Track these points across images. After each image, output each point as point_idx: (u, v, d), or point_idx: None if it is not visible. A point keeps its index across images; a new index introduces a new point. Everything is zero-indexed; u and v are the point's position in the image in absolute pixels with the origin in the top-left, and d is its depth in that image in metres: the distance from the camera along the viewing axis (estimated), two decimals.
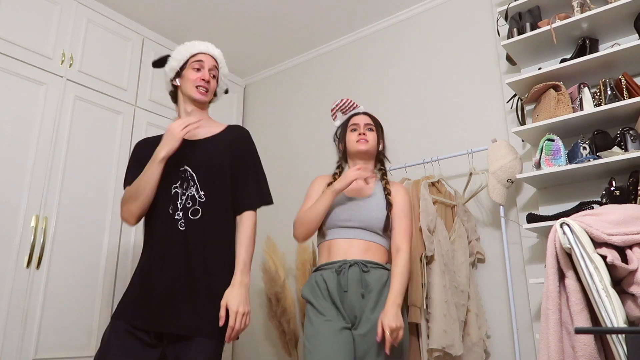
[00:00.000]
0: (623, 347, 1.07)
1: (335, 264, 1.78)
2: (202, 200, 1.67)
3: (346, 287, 1.72)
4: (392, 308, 1.66)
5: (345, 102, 2.05)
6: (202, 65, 1.79)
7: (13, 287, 2.25)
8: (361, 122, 1.97)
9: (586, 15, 2.07)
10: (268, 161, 3.59)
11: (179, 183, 1.69)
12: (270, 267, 3.03)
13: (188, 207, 1.66)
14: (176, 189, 1.68)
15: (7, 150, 2.34)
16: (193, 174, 1.69)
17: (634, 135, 1.90)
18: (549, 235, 1.26)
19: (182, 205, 1.66)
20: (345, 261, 1.76)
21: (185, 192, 1.68)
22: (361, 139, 1.92)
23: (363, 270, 1.74)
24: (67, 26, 2.70)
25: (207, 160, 1.71)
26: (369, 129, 1.97)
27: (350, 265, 1.75)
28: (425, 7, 3.01)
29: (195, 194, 1.68)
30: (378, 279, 1.75)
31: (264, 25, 3.23)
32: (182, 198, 1.67)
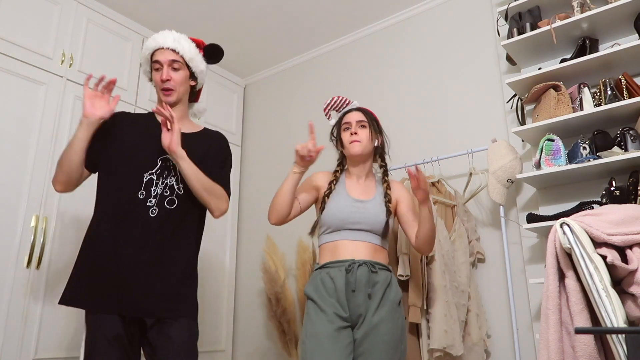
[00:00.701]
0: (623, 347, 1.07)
1: (344, 262, 1.75)
2: (180, 192, 1.69)
3: (354, 286, 1.70)
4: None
5: (337, 100, 1.95)
6: (160, 64, 1.75)
7: (13, 287, 2.25)
8: (353, 119, 1.88)
9: (586, 15, 2.07)
10: (268, 161, 3.59)
11: (155, 170, 1.69)
12: (270, 267, 3.03)
13: (165, 196, 1.67)
14: (151, 176, 1.68)
15: (7, 150, 2.34)
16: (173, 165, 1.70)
17: (634, 135, 1.90)
18: (549, 235, 1.26)
19: (158, 193, 1.66)
20: (355, 260, 1.74)
21: (165, 180, 1.68)
22: (354, 141, 1.85)
23: (372, 270, 1.73)
24: (67, 26, 2.70)
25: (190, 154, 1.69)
26: (361, 126, 1.88)
27: (360, 265, 1.73)
28: (425, 7, 3.01)
29: (174, 184, 1.69)
30: (384, 280, 1.75)
31: (264, 25, 3.23)
32: (158, 185, 1.67)
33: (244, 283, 3.42)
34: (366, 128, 1.88)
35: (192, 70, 1.81)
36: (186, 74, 1.79)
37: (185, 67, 1.78)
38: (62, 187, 1.74)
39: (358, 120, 1.88)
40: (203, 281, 2.99)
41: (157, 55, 1.76)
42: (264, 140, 3.68)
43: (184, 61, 1.77)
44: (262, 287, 3.23)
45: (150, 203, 1.65)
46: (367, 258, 1.76)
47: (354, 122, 1.88)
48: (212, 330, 3.14)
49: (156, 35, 1.79)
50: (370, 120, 1.91)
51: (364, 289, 1.71)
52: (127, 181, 1.67)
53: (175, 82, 1.75)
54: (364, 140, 1.86)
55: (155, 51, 1.77)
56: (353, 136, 1.85)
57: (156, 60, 1.76)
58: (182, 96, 1.80)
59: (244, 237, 3.52)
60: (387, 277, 1.77)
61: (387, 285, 1.75)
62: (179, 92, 1.77)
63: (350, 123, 1.88)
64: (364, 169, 1.91)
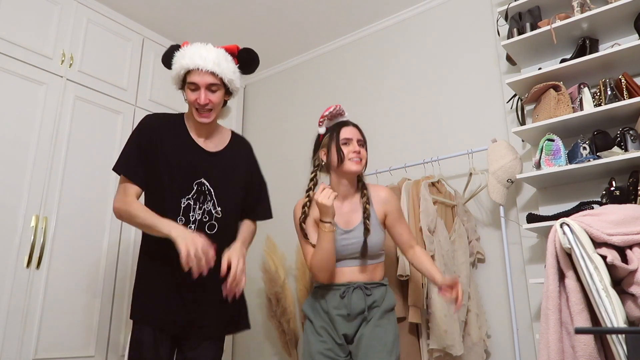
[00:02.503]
0: (623, 347, 1.07)
1: (339, 287, 1.76)
2: (218, 216, 1.70)
3: (350, 311, 1.73)
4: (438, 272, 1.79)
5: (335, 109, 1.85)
6: (197, 86, 1.67)
7: (13, 287, 2.25)
8: (354, 137, 1.80)
9: (586, 15, 2.07)
10: (268, 161, 3.58)
11: (192, 195, 1.67)
12: (270, 267, 3.03)
13: (205, 222, 1.67)
14: (188, 201, 1.66)
15: (7, 150, 2.34)
16: (211, 189, 1.70)
17: (634, 135, 1.90)
18: (549, 235, 1.26)
19: (197, 219, 1.66)
20: (349, 285, 1.75)
21: (202, 205, 1.67)
22: (355, 158, 1.77)
23: (366, 294, 1.75)
24: (67, 26, 2.70)
25: (224, 176, 1.72)
26: (361, 145, 1.81)
27: (354, 289, 1.74)
28: (425, 7, 3.01)
29: (212, 208, 1.69)
30: (380, 297, 1.78)
31: (264, 25, 3.23)
32: (196, 211, 1.66)
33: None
34: (364, 148, 1.83)
35: (228, 87, 1.75)
36: (223, 92, 1.73)
37: (222, 87, 1.72)
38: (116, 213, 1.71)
39: (359, 139, 1.82)
40: None
41: (193, 77, 1.66)
42: (264, 140, 3.68)
43: (222, 82, 1.71)
44: (262, 287, 3.22)
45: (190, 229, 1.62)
46: (362, 280, 1.77)
47: (355, 139, 1.80)
48: None
49: (193, 53, 1.68)
50: (364, 140, 1.85)
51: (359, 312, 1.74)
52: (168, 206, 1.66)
53: (213, 104, 1.70)
54: (364, 159, 1.81)
55: (191, 71, 1.67)
56: (355, 154, 1.77)
57: (193, 82, 1.66)
58: (218, 113, 1.76)
59: None
60: (382, 292, 1.80)
61: (382, 300, 1.78)
62: (216, 111, 1.73)
63: (351, 140, 1.79)
64: (350, 188, 1.84)
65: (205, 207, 1.68)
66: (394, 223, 1.84)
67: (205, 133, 1.77)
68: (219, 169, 1.71)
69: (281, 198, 3.40)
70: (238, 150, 1.83)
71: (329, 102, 3.33)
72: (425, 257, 1.83)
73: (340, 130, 1.81)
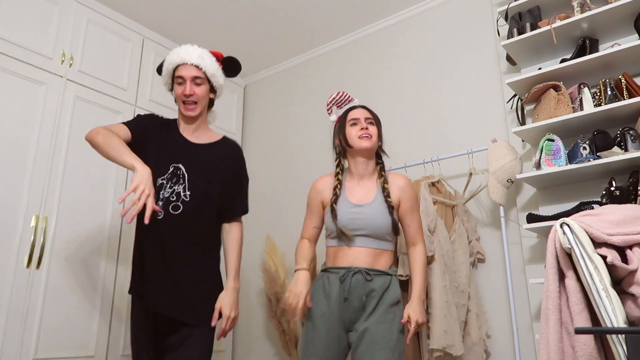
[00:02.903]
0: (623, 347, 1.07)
1: (340, 270, 1.77)
2: (186, 199, 1.77)
3: (347, 294, 1.72)
4: (419, 303, 1.74)
5: (341, 95, 1.95)
6: (183, 79, 1.83)
7: (13, 287, 2.25)
8: (361, 116, 1.86)
9: (586, 15, 2.07)
10: (268, 161, 3.59)
11: (167, 176, 1.79)
12: (270, 267, 3.03)
13: (171, 201, 1.76)
14: (162, 181, 1.78)
15: (7, 150, 2.34)
16: (185, 173, 1.80)
17: (634, 135, 1.90)
18: (549, 235, 1.26)
19: (165, 197, 1.76)
20: (350, 269, 1.75)
21: (173, 186, 1.78)
22: (364, 135, 1.82)
23: (367, 279, 1.73)
24: (67, 26, 2.70)
25: (201, 165, 1.82)
26: (369, 122, 1.86)
27: (354, 273, 1.74)
28: (425, 7, 3.01)
29: (181, 191, 1.77)
30: (381, 285, 1.75)
31: (264, 25, 3.23)
32: (166, 190, 1.77)
33: (244, 283, 3.42)
34: (374, 125, 1.87)
35: (213, 84, 1.90)
36: (207, 88, 1.88)
37: (206, 82, 1.87)
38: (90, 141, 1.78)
39: (366, 117, 1.87)
40: None
41: (180, 71, 1.83)
42: (263, 140, 3.68)
43: (205, 76, 1.86)
44: (262, 287, 3.23)
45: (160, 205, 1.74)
46: (365, 265, 1.76)
47: (362, 118, 1.86)
48: None
49: (179, 50, 1.86)
50: (375, 118, 1.90)
51: (357, 298, 1.72)
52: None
53: (197, 97, 1.84)
54: (374, 135, 1.84)
55: (179, 66, 1.84)
56: (363, 131, 1.82)
57: (179, 75, 1.83)
58: (203, 109, 1.90)
59: (244, 237, 3.50)
60: (385, 281, 1.76)
61: (384, 289, 1.74)
62: (201, 105, 1.87)
63: (359, 119, 1.86)
64: (367, 167, 1.87)
65: (175, 188, 1.77)
66: (405, 212, 1.84)
67: (193, 129, 1.90)
68: (198, 158, 1.82)
69: (281, 198, 3.40)
70: (224, 148, 1.91)
71: None
72: (419, 263, 1.81)
73: (348, 113, 1.90)
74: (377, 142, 1.87)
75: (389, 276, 1.78)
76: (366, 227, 1.77)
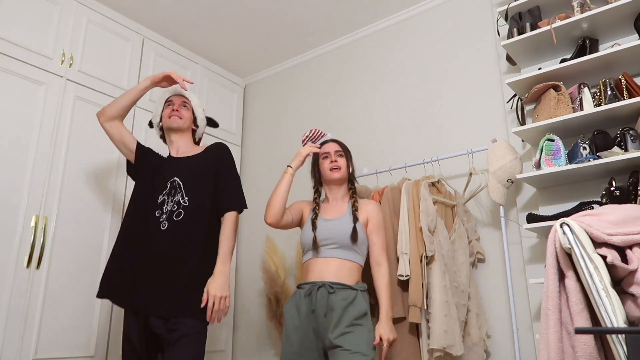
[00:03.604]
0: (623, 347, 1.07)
1: (306, 285, 1.95)
2: (186, 204, 1.94)
3: (314, 307, 1.88)
4: (387, 321, 1.90)
5: (314, 132, 2.22)
6: (172, 102, 2.14)
7: (13, 287, 2.25)
8: (331, 150, 2.14)
9: (586, 15, 2.07)
10: (268, 161, 3.59)
11: (166, 191, 1.99)
12: (270, 267, 3.03)
13: (174, 211, 1.94)
14: (163, 197, 1.98)
15: (7, 150, 2.34)
16: (181, 183, 1.98)
17: (634, 135, 1.90)
18: (549, 235, 1.26)
19: (168, 209, 1.94)
20: (315, 283, 1.92)
21: (173, 198, 1.96)
22: (333, 167, 2.09)
23: (329, 291, 1.88)
24: (67, 26, 2.70)
25: (192, 171, 2.01)
26: (339, 155, 2.13)
27: (319, 287, 1.90)
28: (425, 7, 3.01)
29: (180, 199, 1.96)
30: (344, 298, 1.87)
31: (264, 25, 3.23)
32: (168, 204, 1.96)
33: (244, 283, 3.42)
34: (343, 157, 2.14)
35: (195, 116, 2.20)
36: (191, 115, 2.18)
37: (191, 111, 2.18)
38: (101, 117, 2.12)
39: (336, 150, 2.14)
40: None
41: (170, 98, 2.16)
42: (263, 140, 3.69)
43: (191, 106, 2.18)
44: (262, 287, 3.23)
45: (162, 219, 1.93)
46: (330, 278, 1.92)
47: (332, 152, 2.13)
48: (212, 330, 3.14)
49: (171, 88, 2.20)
50: (345, 150, 2.17)
51: (322, 310, 1.87)
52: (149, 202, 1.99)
53: (182, 113, 2.12)
54: (343, 166, 2.11)
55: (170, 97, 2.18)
56: (333, 163, 2.10)
57: (169, 100, 2.15)
58: (185, 129, 2.15)
59: (244, 237, 3.52)
60: (349, 295, 1.88)
61: (348, 303, 1.87)
62: (184, 119, 2.12)
63: (329, 153, 2.13)
64: (339, 192, 2.14)
65: (175, 199, 1.96)
66: (372, 231, 2.05)
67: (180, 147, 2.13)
68: (188, 167, 2.02)
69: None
70: (209, 151, 2.09)
71: (329, 102, 3.34)
72: (383, 285, 1.97)
73: (321, 147, 2.18)
74: (346, 171, 2.14)
75: (354, 291, 1.91)
76: (332, 236, 1.97)
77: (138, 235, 1.94)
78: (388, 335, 1.86)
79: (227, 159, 2.07)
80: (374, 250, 2.03)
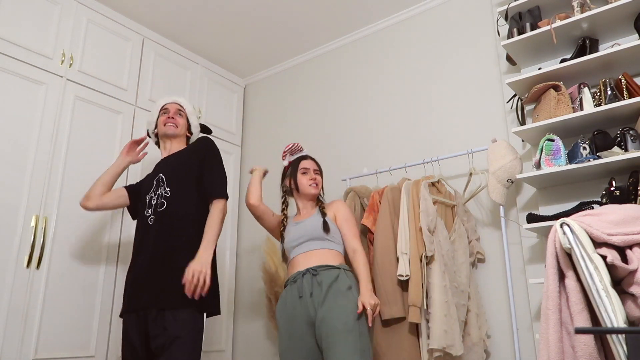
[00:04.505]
0: (623, 347, 1.07)
1: (293, 277, 2.08)
2: (167, 195, 2.02)
3: (301, 293, 2.00)
4: (367, 290, 1.97)
5: (295, 146, 2.36)
6: (167, 110, 2.23)
7: (13, 287, 2.25)
8: (311, 167, 2.29)
9: (586, 15, 2.07)
10: (268, 161, 3.59)
11: (152, 189, 2.08)
12: (270, 267, 3.03)
13: (157, 204, 2.03)
14: (150, 194, 2.08)
15: (7, 150, 2.34)
16: (163, 177, 2.08)
17: (634, 135, 1.90)
18: (549, 235, 1.26)
19: (153, 203, 2.04)
20: (300, 271, 2.06)
21: (157, 191, 2.06)
22: (313, 184, 2.25)
23: (313, 274, 2.01)
24: (67, 26, 2.70)
25: (174, 165, 2.11)
26: (317, 173, 2.30)
27: (304, 274, 2.04)
28: (425, 7, 3.01)
29: (162, 191, 2.04)
30: (328, 276, 2.00)
31: (264, 25, 3.23)
32: (153, 199, 2.06)
33: (244, 283, 3.42)
34: (319, 175, 2.31)
35: (190, 123, 2.31)
36: (185, 123, 2.28)
37: (186, 120, 2.28)
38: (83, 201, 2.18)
39: (315, 169, 2.30)
40: None
41: (166, 106, 2.26)
42: (263, 140, 3.69)
43: (185, 114, 2.30)
44: (262, 287, 3.23)
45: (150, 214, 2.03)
46: (313, 264, 2.05)
47: (311, 169, 2.29)
48: (212, 330, 3.14)
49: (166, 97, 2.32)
50: (319, 168, 2.34)
51: (308, 292, 1.99)
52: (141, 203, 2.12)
53: (177, 120, 2.22)
54: (319, 184, 2.29)
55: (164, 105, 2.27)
56: (312, 180, 2.26)
57: (165, 108, 2.25)
58: (180, 136, 2.24)
59: (244, 237, 3.52)
60: (332, 273, 2.02)
61: (332, 280, 1.99)
62: (179, 126, 2.23)
63: (309, 169, 2.28)
64: (310, 204, 2.29)
65: (159, 192, 2.05)
66: (341, 223, 2.19)
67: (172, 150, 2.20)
68: (171, 163, 2.12)
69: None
70: (193, 145, 2.19)
71: (329, 102, 3.34)
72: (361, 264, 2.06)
73: (300, 162, 2.30)
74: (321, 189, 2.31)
75: (337, 269, 2.04)
76: (305, 231, 2.12)
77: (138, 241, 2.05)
78: (369, 300, 1.92)
79: (210, 150, 2.13)
80: (347, 240, 2.15)
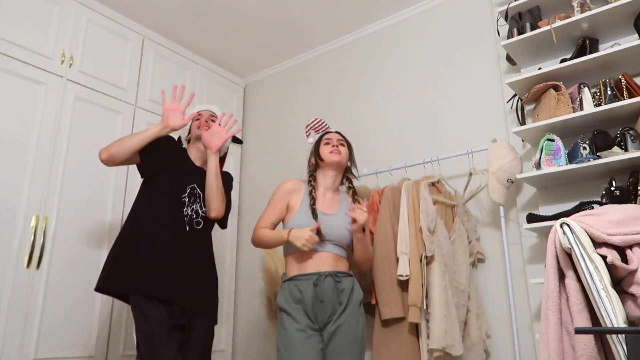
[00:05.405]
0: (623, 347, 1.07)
1: (311, 276, 1.91)
2: (203, 215, 2.09)
3: (323, 298, 1.88)
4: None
5: (318, 122, 2.23)
6: (201, 115, 2.22)
7: (13, 287, 2.25)
8: (334, 137, 2.13)
9: (586, 15, 2.07)
10: (268, 161, 3.59)
11: (186, 195, 2.07)
12: (270, 267, 3.03)
13: (193, 218, 2.06)
14: (184, 199, 2.06)
15: (7, 150, 2.34)
16: (200, 193, 2.11)
17: (634, 135, 1.90)
18: (549, 235, 1.26)
19: (189, 214, 2.05)
20: (320, 273, 1.91)
21: (192, 205, 2.07)
22: (334, 150, 2.06)
23: (336, 280, 1.92)
24: (67, 26, 2.70)
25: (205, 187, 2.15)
26: (340, 144, 2.11)
27: (326, 277, 1.91)
28: (425, 7, 3.01)
29: (199, 209, 2.08)
30: (348, 286, 1.94)
31: (264, 25, 3.23)
32: (188, 207, 2.06)
33: (244, 283, 3.42)
34: (345, 147, 2.12)
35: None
36: None
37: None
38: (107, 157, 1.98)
39: (338, 139, 2.13)
40: None
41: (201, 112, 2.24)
42: (264, 140, 3.68)
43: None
44: (262, 287, 3.23)
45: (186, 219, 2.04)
46: (330, 268, 1.94)
47: (334, 139, 2.11)
48: None
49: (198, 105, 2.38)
50: (347, 142, 2.15)
51: (331, 299, 1.89)
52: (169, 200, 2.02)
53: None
54: (343, 153, 2.08)
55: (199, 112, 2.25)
56: (334, 148, 2.07)
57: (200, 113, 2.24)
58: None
59: (244, 237, 3.52)
60: (350, 282, 1.96)
61: (351, 289, 1.94)
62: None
63: (332, 139, 2.11)
64: (334, 182, 2.10)
65: (194, 207, 2.07)
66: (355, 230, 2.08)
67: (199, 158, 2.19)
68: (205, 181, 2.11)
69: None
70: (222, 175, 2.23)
71: (329, 102, 3.34)
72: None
73: (324, 136, 2.16)
74: (346, 159, 2.11)
75: (352, 277, 2.00)
76: (332, 233, 1.96)
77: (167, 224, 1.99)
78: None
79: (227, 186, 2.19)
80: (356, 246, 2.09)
